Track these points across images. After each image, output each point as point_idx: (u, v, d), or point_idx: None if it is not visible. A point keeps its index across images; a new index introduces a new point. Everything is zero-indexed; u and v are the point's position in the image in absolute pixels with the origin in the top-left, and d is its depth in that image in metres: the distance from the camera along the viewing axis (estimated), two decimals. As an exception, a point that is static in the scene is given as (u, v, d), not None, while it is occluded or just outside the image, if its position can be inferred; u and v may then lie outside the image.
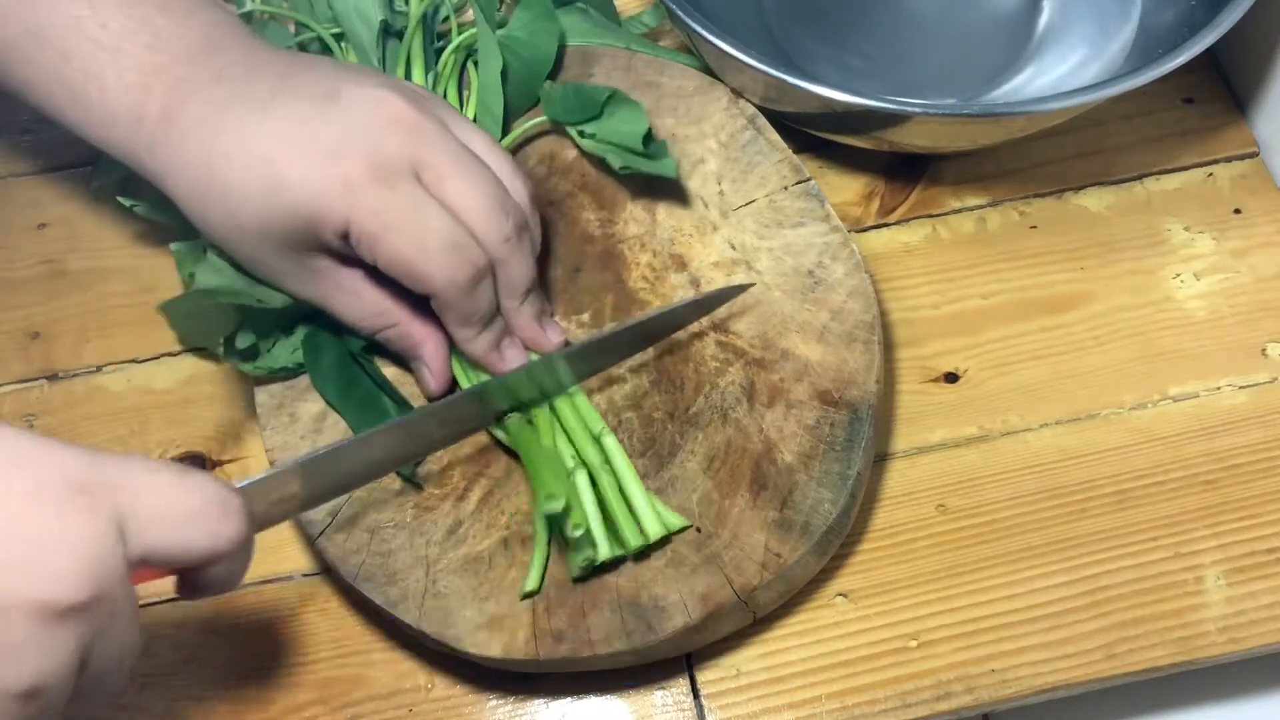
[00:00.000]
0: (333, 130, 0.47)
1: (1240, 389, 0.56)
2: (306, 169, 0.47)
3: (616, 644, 0.47)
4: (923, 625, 0.51)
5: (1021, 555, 0.53)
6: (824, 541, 0.49)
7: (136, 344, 0.59)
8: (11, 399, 0.58)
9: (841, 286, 0.53)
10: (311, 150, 0.47)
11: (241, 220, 0.48)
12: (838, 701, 0.50)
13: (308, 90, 0.48)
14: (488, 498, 0.51)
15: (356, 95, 0.48)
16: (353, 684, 0.51)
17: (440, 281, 0.48)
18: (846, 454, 0.50)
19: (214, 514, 0.39)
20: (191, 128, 0.48)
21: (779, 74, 0.54)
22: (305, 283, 0.50)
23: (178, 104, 0.49)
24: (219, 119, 0.48)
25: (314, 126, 0.47)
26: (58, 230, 0.63)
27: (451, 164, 0.48)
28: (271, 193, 0.47)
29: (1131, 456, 0.55)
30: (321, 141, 0.47)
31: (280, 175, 0.47)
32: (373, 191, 0.47)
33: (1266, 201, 0.61)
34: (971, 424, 0.56)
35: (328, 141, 0.47)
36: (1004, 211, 0.62)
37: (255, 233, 0.48)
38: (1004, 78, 0.64)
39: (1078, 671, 0.50)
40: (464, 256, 0.48)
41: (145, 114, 0.49)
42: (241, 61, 0.50)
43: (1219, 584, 0.52)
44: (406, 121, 0.48)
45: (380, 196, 0.47)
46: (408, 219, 0.47)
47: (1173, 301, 0.59)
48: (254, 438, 0.56)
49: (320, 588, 0.53)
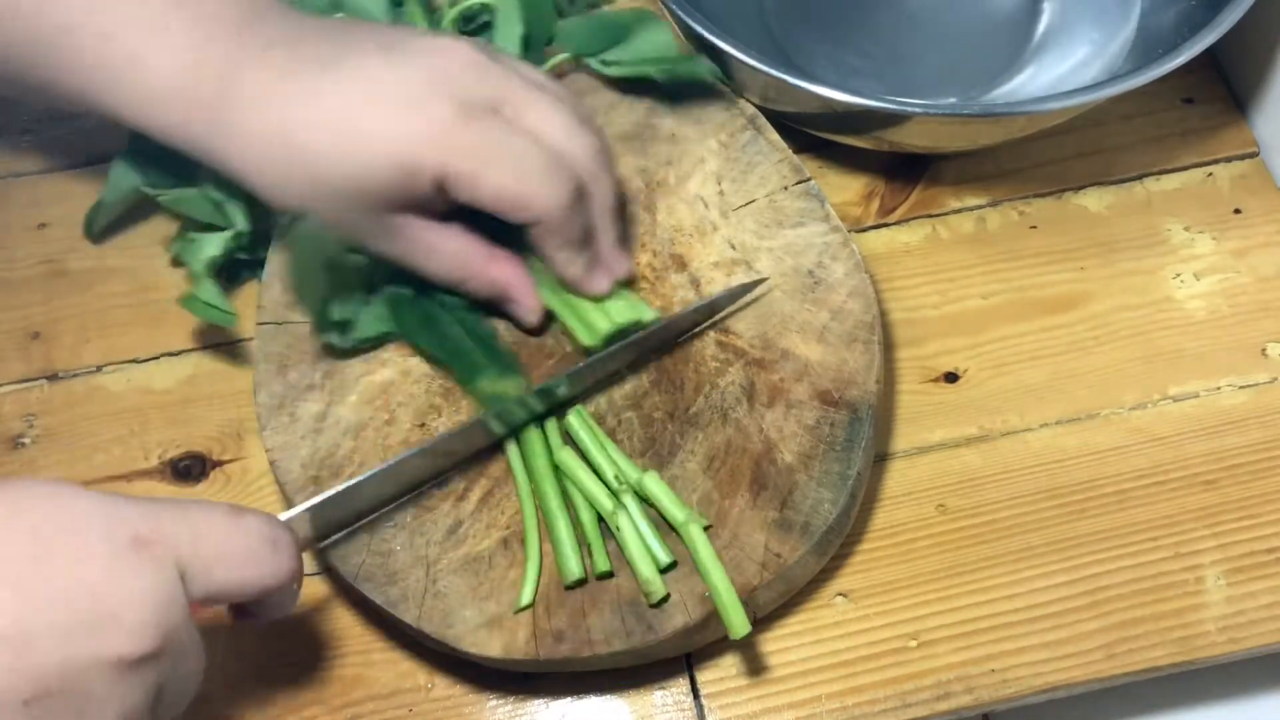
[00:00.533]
0: (409, 79, 0.47)
1: (1240, 389, 0.56)
2: (391, 121, 0.47)
3: (616, 644, 0.47)
4: (923, 625, 0.51)
5: (1021, 555, 0.53)
6: (824, 541, 0.49)
7: (136, 344, 0.59)
8: (11, 399, 0.58)
9: (841, 286, 0.53)
10: (392, 101, 0.47)
11: (327, 184, 0.48)
12: (838, 701, 0.50)
13: (371, 44, 0.48)
14: (488, 498, 0.51)
15: (423, 45, 0.49)
16: (353, 684, 0.51)
17: (545, 204, 0.48)
18: (846, 454, 0.50)
19: (267, 552, 0.42)
20: (254, 99, 0.48)
21: (779, 74, 0.54)
22: (387, 241, 0.50)
23: (233, 77, 0.48)
24: (284, 85, 0.48)
25: (389, 78, 0.47)
26: (58, 230, 0.63)
27: (528, 95, 0.49)
28: (358, 150, 0.47)
29: (1131, 456, 0.55)
30: (401, 91, 0.47)
31: (366, 131, 0.47)
32: (463, 131, 0.47)
33: (1266, 201, 0.61)
34: (971, 424, 0.56)
35: (407, 91, 0.47)
36: (1004, 211, 0.62)
37: (342, 194, 0.48)
38: (1004, 78, 0.64)
39: (1078, 671, 0.50)
40: (563, 175, 0.48)
41: (198, 92, 0.48)
42: (288, 29, 0.50)
43: (1219, 584, 0.52)
44: (479, 63, 0.49)
45: (471, 135, 0.47)
46: (502, 151, 0.47)
47: (1173, 301, 0.59)
48: (254, 438, 0.56)
49: (320, 588, 0.53)
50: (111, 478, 0.56)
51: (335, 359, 0.53)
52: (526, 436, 0.51)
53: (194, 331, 0.59)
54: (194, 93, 0.49)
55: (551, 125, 0.49)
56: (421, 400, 0.53)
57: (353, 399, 0.52)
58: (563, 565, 0.48)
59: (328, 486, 0.50)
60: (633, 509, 0.49)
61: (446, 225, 0.51)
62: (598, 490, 0.49)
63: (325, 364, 0.53)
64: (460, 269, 0.52)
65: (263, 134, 0.48)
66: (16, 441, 0.57)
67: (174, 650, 0.39)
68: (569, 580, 0.48)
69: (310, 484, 0.51)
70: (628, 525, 0.48)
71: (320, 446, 0.51)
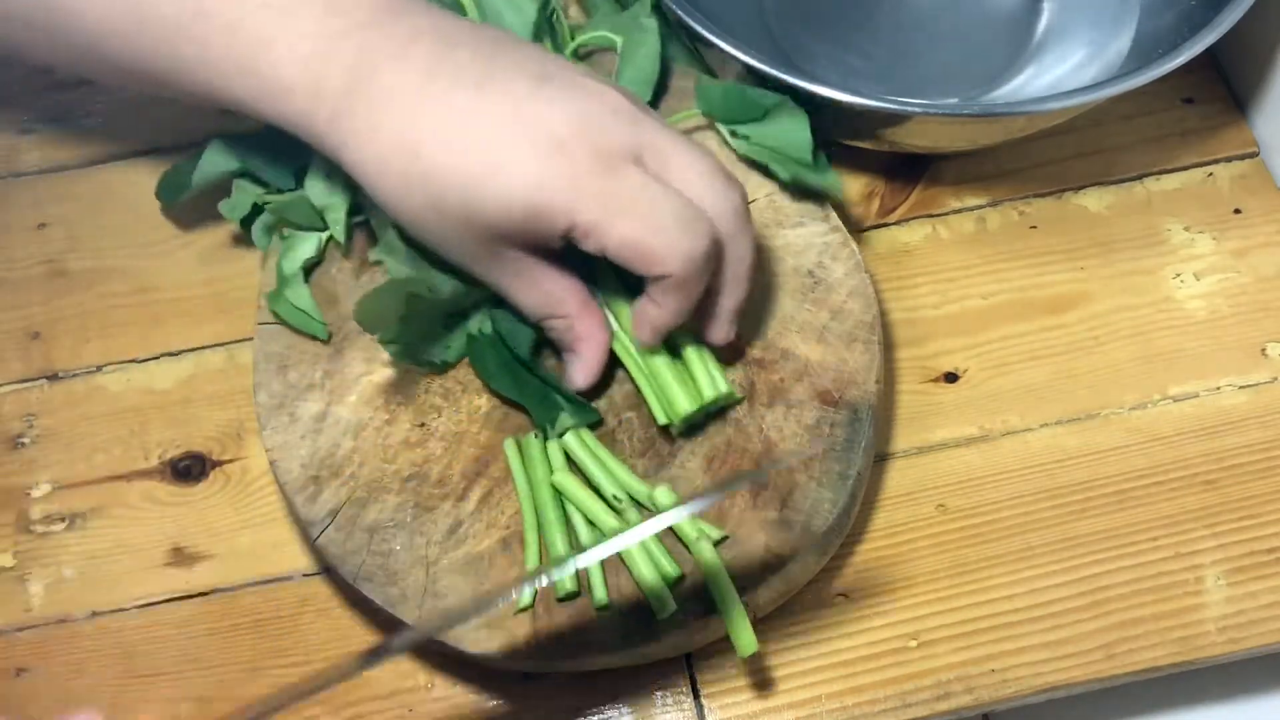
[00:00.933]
0: (557, 117, 0.45)
1: (1240, 389, 0.56)
2: (527, 158, 0.44)
3: (616, 644, 0.47)
4: (923, 625, 0.51)
5: (1021, 555, 0.53)
6: (824, 541, 0.49)
7: (136, 344, 0.59)
8: (11, 399, 0.58)
9: (841, 286, 0.53)
10: (533, 137, 0.44)
11: (447, 207, 0.45)
12: (838, 701, 0.50)
13: (519, 69, 0.46)
14: (488, 498, 0.51)
15: (572, 82, 0.46)
16: (353, 684, 0.51)
17: (677, 259, 0.45)
18: (846, 454, 0.50)
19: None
20: (386, 98, 0.45)
21: (779, 74, 0.54)
22: (488, 268, 0.48)
23: (367, 71, 0.45)
24: (423, 91, 0.45)
25: (533, 110, 0.45)
26: (58, 230, 0.63)
27: (673, 147, 0.46)
28: (491, 183, 0.44)
29: (1131, 456, 0.55)
30: (544, 128, 0.44)
31: (500, 163, 0.44)
32: (598, 180, 0.44)
33: (1266, 201, 0.61)
34: (971, 424, 0.56)
35: (550, 128, 0.44)
36: (1004, 211, 0.62)
37: (461, 221, 0.46)
38: (1004, 78, 0.64)
39: (1078, 671, 0.50)
40: (699, 230, 0.45)
41: (326, 83, 0.46)
42: (435, 28, 0.47)
43: (1219, 584, 0.52)
44: (627, 111, 0.46)
45: (606, 183, 0.44)
46: (637, 201, 0.45)
47: (1172, 301, 0.59)
48: (254, 438, 0.56)
49: (320, 588, 0.53)
50: (111, 478, 0.56)
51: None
52: (527, 444, 0.51)
53: (194, 331, 0.59)
54: (320, 84, 0.46)
55: (694, 175, 0.46)
56: (422, 400, 0.53)
57: (352, 399, 0.52)
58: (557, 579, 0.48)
59: (327, 486, 0.51)
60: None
61: (552, 264, 0.48)
62: (601, 510, 0.49)
63: (325, 364, 0.53)
64: (551, 308, 0.49)
65: (393, 140, 0.45)
66: (16, 441, 0.57)
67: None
68: (561, 593, 0.48)
69: (310, 484, 0.51)
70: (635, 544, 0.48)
71: (320, 446, 0.51)
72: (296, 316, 0.54)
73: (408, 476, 0.51)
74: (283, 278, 0.54)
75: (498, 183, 0.44)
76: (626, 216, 0.45)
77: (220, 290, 0.60)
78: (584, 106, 0.45)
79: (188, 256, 0.61)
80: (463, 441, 0.52)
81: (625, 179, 0.45)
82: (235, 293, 0.60)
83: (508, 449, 0.51)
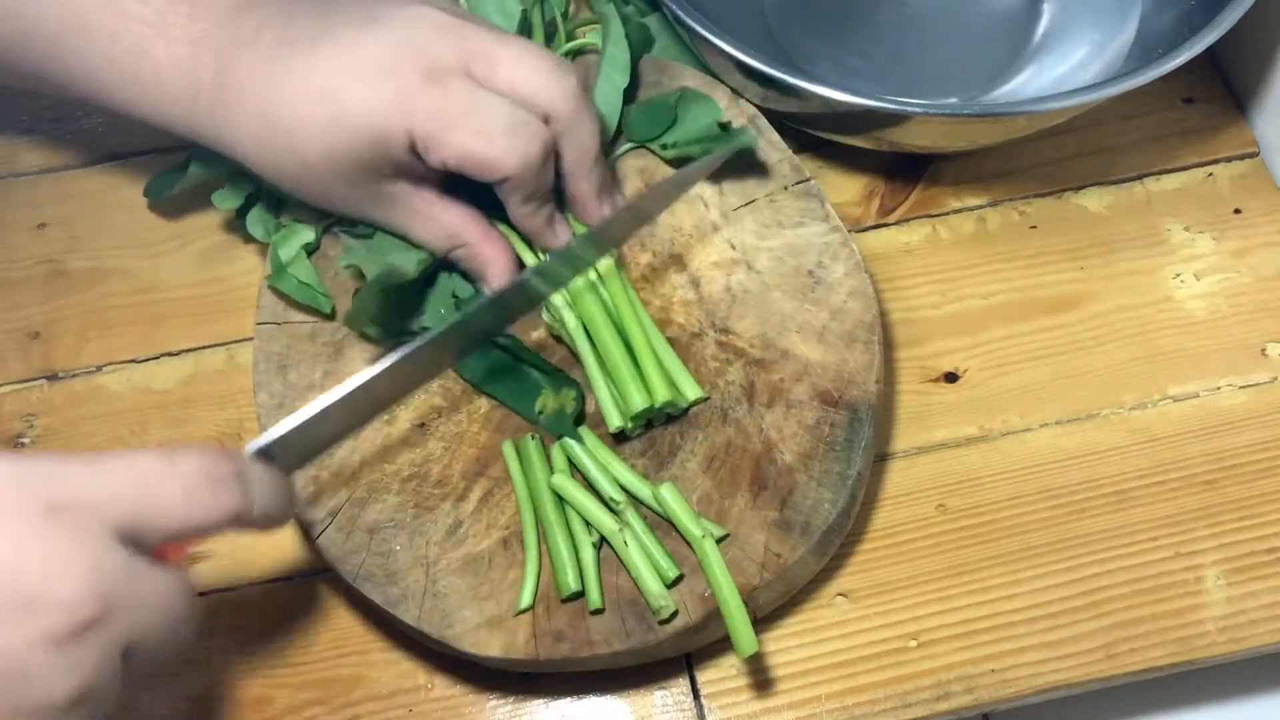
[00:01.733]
0: (380, 49, 0.48)
1: (1240, 389, 0.56)
2: (362, 91, 0.48)
3: (616, 644, 0.47)
4: (923, 625, 0.51)
5: (1021, 555, 0.53)
6: (824, 541, 0.49)
7: (136, 344, 0.59)
8: (11, 399, 0.58)
9: (841, 286, 0.53)
10: (364, 72, 0.48)
11: (309, 158, 0.49)
12: (838, 701, 0.50)
13: (346, 18, 0.49)
14: (488, 498, 0.51)
15: (397, 14, 0.49)
16: (353, 684, 0.51)
17: (511, 164, 0.48)
18: (846, 454, 0.50)
19: (206, 492, 0.39)
20: (245, 85, 0.49)
21: (779, 74, 0.54)
22: (381, 209, 0.52)
23: (227, 65, 0.49)
24: (270, 69, 0.49)
25: (361, 50, 0.48)
26: (58, 230, 0.63)
27: (499, 48, 0.49)
28: (334, 123, 0.48)
29: (1131, 456, 0.55)
30: (371, 62, 0.48)
31: (339, 104, 0.48)
32: (426, 95, 0.48)
33: (1266, 201, 0.61)
34: (971, 424, 0.56)
35: (377, 60, 0.48)
36: (1004, 211, 0.62)
37: (325, 168, 0.49)
38: (1004, 78, 0.64)
39: (1078, 671, 0.50)
40: (530, 133, 0.49)
41: (199, 83, 0.50)
42: (278, 12, 0.50)
43: (1219, 584, 0.52)
44: (448, 25, 0.49)
45: (434, 97, 0.48)
46: (465, 111, 0.48)
47: (1173, 301, 0.59)
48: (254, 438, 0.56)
49: (320, 588, 0.53)
50: (111, 478, 0.56)
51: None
52: (524, 447, 0.51)
53: (194, 331, 0.59)
54: (195, 84, 0.50)
55: (523, 74, 0.49)
56: (421, 400, 0.53)
57: (353, 399, 0.52)
58: (560, 578, 0.48)
59: (327, 486, 0.51)
60: (637, 528, 0.49)
61: (444, 196, 0.52)
62: (599, 512, 0.49)
63: (325, 364, 0.53)
64: (451, 239, 0.52)
65: (256, 118, 0.49)
66: (16, 441, 0.57)
67: (124, 607, 0.36)
68: (565, 593, 0.48)
69: (309, 483, 0.51)
70: (634, 543, 0.48)
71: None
72: (301, 290, 0.54)
73: (408, 476, 0.51)
74: (281, 263, 0.55)
75: (343, 123, 0.48)
76: (457, 128, 0.48)
77: (220, 290, 0.60)
78: (408, 33, 0.49)
79: (188, 256, 0.61)
80: (463, 441, 0.52)
81: (452, 91, 0.48)
82: (235, 293, 0.60)
83: (506, 453, 0.51)
